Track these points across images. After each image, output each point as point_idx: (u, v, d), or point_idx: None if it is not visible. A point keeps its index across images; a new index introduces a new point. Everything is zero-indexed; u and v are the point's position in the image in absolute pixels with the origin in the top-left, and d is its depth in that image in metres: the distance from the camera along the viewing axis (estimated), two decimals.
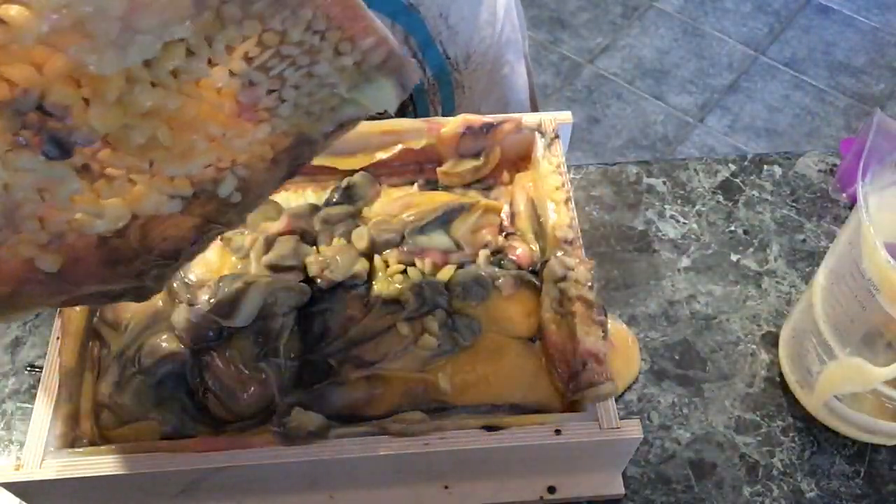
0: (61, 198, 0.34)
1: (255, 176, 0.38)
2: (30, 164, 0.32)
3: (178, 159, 0.35)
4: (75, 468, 0.44)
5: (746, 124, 1.78)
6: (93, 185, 0.34)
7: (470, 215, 0.56)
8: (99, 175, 0.34)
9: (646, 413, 0.56)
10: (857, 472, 0.54)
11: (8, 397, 0.56)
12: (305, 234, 0.55)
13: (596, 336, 0.48)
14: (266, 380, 0.48)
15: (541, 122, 0.58)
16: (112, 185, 0.35)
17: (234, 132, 0.36)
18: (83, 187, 0.34)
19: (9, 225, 0.33)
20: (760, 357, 0.59)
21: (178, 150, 0.35)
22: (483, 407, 0.49)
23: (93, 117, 0.32)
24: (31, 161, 0.32)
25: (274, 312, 0.50)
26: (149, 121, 0.34)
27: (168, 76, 0.33)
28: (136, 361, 0.50)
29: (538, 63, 1.86)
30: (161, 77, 0.33)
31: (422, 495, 0.50)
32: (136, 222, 0.36)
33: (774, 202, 0.67)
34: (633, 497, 0.52)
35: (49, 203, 0.34)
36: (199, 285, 0.52)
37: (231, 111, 0.36)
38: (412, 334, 0.50)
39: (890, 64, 1.89)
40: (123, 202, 0.35)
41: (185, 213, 0.37)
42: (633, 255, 0.64)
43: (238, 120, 0.36)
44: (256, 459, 0.44)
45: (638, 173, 0.69)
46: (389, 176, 0.59)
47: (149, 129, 0.34)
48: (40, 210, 0.34)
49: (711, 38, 1.95)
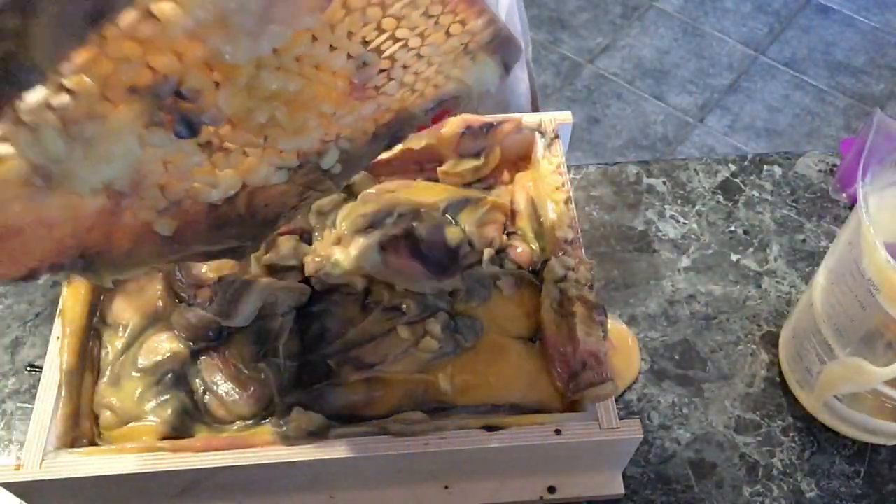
0: (183, 170, 0.36)
1: (356, 149, 0.40)
2: (161, 142, 0.34)
3: (291, 135, 0.37)
4: (75, 468, 0.44)
5: (746, 124, 1.78)
6: (211, 158, 0.37)
7: (477, 209, 0.56)
8: (218, 149, 0.37)
9: (646, 413, 0.56)
10: (857, 472, 0.54)
11: (8, 397, 0.56)
12: (305, 234, 0.55)
13: (596, 336, 0.48)
14: (266, 380, 0.48)
15: (541, 122, 0.58)
16: (228, 157, 0.37)
17: (344, 110, 0.38)
18: (203, 160, 0.36)
19: (134, 193, 0.35)
20: (760, 357, 0.59)
21: (292, 127, 0.37)
22: (483, 407, 0.49)
23: (222, 100, 0.34)
24: (162, 139, 0.34)
25: (274, 312, 0.50)
26: (270, 102, 0.36)
27: (292, 61, 0.35)
28: (136, 361, 0.50)
29: (538, 63, 1.86)
30: (286, 63, 0.35)
31: (422, 495, 0.50)
32: (245, 190, 0.38)
33: (774, 202, 0.67)
34: (633, 497, 0.52)
35: (171, 173, 0.36)
36: (199, 285, 0.52)
37: (343, 91, 0.37)
38: (412, 338, 0.50)
39: (890, 64, 1.89)
40: (236, 173, 0.38)
41: (288, 182, 0.39)
42: (633, 255, 0.64)
43: (349, 98, 0.38)
44: (256, 459, 0.44)
45: (638, 173, 0.69)
46: (390, 175, 0.59)
47: (270, 109, 0.36)
48: (163, 178, 0.36)
49: (711, 38, 1.95)
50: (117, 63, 0.31)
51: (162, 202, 0.37)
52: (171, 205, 0.37)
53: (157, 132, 0.34)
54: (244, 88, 0.34)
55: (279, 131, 0.37)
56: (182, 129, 0.34)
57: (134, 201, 0.36)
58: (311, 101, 0.37)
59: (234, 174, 0.38)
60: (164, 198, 0.37)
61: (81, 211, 0.34)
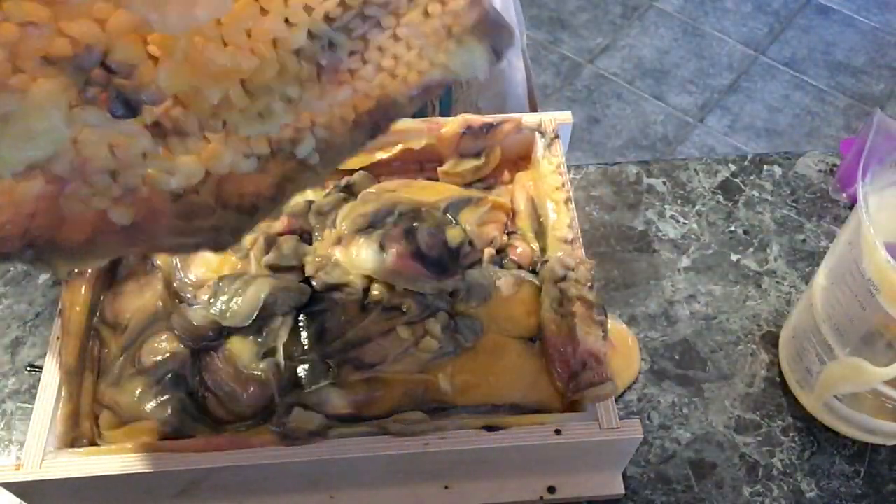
0: (132, 154, 0.33)
1: (335, 138, 0.37)
2: (97, 121, 0.31)
3: (253, 120, 0.35)
4: (75, 468, 0.44)
5: (746, 124, 1.78)
6: (165, 142, 0.34)
7: (478, 208, 0.56)
8: (171, 132, 0.34)
9: (646, 413, 0.56)
10: (857, 472, 0.54)
11: (8, 397, 0.56)
12: (305, 234, 0.55)
13: (596, 336, 0.48)
14: (266, 380, 0.48)
15: (541, 122, 0.58)
16: (185, 142, 0.34)
17: (312, 95, 0.35)
18: (155, 144, 0.34)
19: (79, 178, 0.33)
20: (760, 357, 0.59)
21: (253, 111, 0.34)
22: (483, 407, 0.49)
23: (161, 76, 0.31)
24: (97, 117, 0.31)
25: (274, 312, 0.50)
26: (220, 81, 0.33)
27: (241, 35, 0.32)
28: (136, 361, 0.50)
29: (538, 63, 1.86)
30: (233, 36, 0.32)
31: (422, 495, 0.50)
32: (211, 179, 0.36)
33: (774, 202, 0.67)
34: (633, 497, 0.52)
35: (120, 158, 0.33)
36: (199, 285, 0.52)
37: (310, 74, 0.35)
38: (412, 338, 0.50)
39: (890, 64, 1.89)
40: (197, 159, 0.35)
41: (261, 171, 0.36)
42: (633, 255, 0.64)
43: (318, 82, 0.35)
44: (256, 459, 0.44)
45: (638, 173, 0.69)
46: (390, 175, 0.59)
47: (220, 89, 0.33)
48: (112, 164, 0.33)
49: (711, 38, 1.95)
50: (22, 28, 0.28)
51: (115, 189, 0.34)
52: (125, 192, 0.34)
53: (91, 110, 0.31)
54: (185, 64, 0.31)
55: (238, 115, 0.34)
56: (118, 108, 0.31)
57: (80, 187, 0.33)
58: (271, 82, 0.34)
59: (195, 161, 0.35)
60: (116, 184, 0.34)
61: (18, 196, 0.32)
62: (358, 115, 0.37)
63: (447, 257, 0.52)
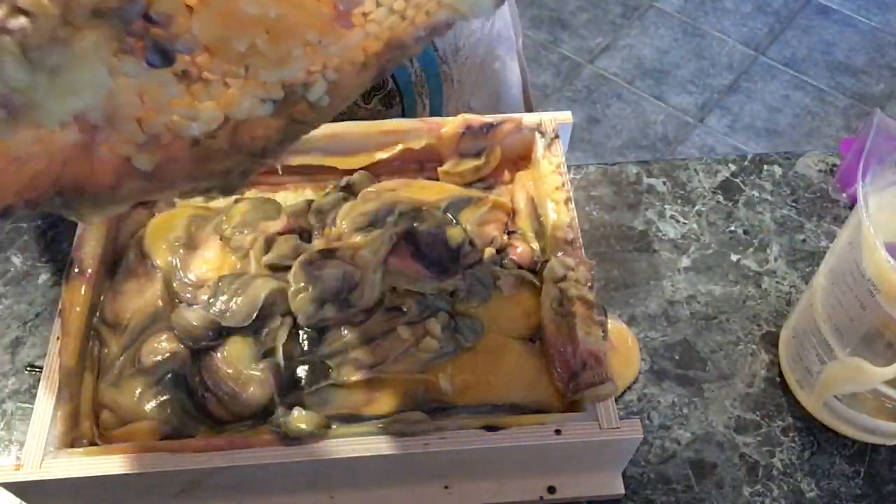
0: (160, 102, 0.35)
1: (344, 80, 0.38)
2: (133, 71, 0.32)
3: (274, 65, 0.36)
4: (75, 468, 0.44)
5: (746, 124, 1.78)
6: (190, 89, 0.35)
7: (478, 208, 0.56)
8: (196, 79, 0.35)
9: (646, 413, 0.56)
10: (857, 472, 0.54)
11: (8, 397, 0.56)
12: (305, 233, 0.55)
13: (596, 336, 0.48)
14: (266, 380, 0.48)
15: (541, 122, 0.58)
16: (208, 88, 0.36)
17: (330, 39, 0.37)
18: (181, 91, 0.35)
19: (110, 126, 0.34)
20: (760, 357, 0.59)
21: (274, 56, 0.36)
22: (483, 407, 0.49)
23: (196, 26, 0.33)
24: (134, 67, 0.32)
25: (273, 312, 0.50)
26: (250, 29, 0.34)
27: None
28: (136, 361, 0.50)
29: (538, 63, 1.86)
30: None
31: (422, 495, 0.50)
32: (228, 124, 0.37)
33: (774, 202, 0.67)
34: (633, 497, 0.52)
35: (148, 106, 0.34)
36: (199, 285, 0.52)
37: (329, 17, 0.36)
38: (413, 338, 0.50)
39: (890, 64, 1.89)
40: (217, 105, 0.36)
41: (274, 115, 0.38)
42: (633, 255, 0.64)
43: (334, 25, 0.36)
44: (256, 459, 0.44)
45: (638, 173, 0.69)
46: (390, 175, 0.59)
47: (249, 38, 0.34)
48: (139, 112, 0.35)
49: (711, 38, 1.95)
50: None
51: (140, 136, 0.35)
52: (150, 139, 0.36)
53: (129, 60, 0.32)
54: (220, 14, 0.33)
55: (261, 61, 0.36)
56: (155, 58, 0.32)
57: (110, 135, 0.34)
58: (294, 28, 0.35)
59: (215, 107, 0.36)
60: (141, 132, 0.35)
61: (53, 145, 0.33)
62: (367, 58, 0.38)
63: (447, 257, 0.52)
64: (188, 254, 0.53)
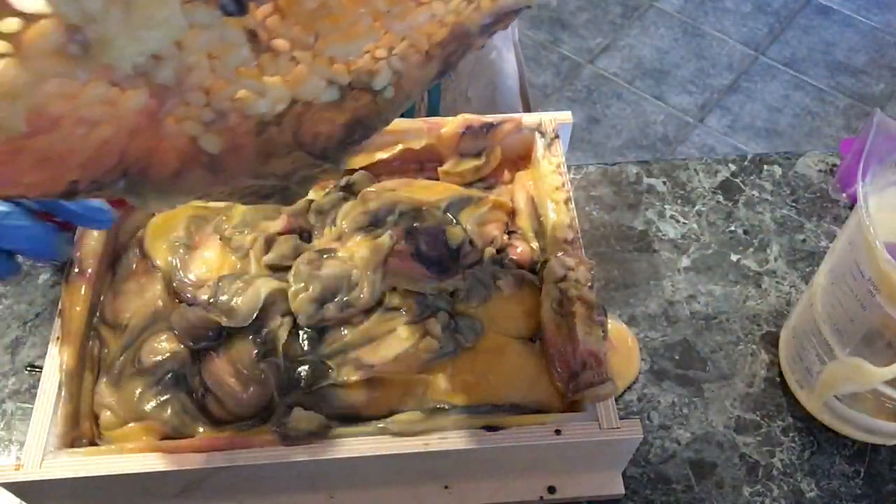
0: (229, 66, 0.34)
1: (408, 70, 0.38)
2: (206, 19, 0.32)
3: (342, 36, 0.36)
4: (75, 468, 0.44)
5: (746, 124, 1.78)
6: (258, 59, 0.35)
7: (478, 208, 0.56)
8: (265, 48, 0.35)
9: (646, 413, 0.56)
10: (857, 472, 0.54)
11: (8, 397, 0.56)
12: (305, 233, 0.55)
13: (596, 336, 0.48)
14: (266, 380, 0.48)
15: (541, 122, 0.58)
16: (276, 60, 0.36)
17: (398, 9, 0.36)
18: (249, 58, 0.35)
19: (178, 90, 0.34)
20: (760, 357, 0.59)
21: (344, 22, 0.35)
22: (483, 407, 0.49)
23: None
24: (207, 15, 0.32)
25: (273, 312, 0.50)
26: None
27: None
28: (136, 361, 0.50)
29: (538, 63, 1.86)
30: None
31: (422, 495, 0.50)
32: (293, 109, 0.37)
33: (774, 202, 0.67)
34: (633, 497, 0.52)
35: (217, 72, 0.34)
36: (199, 285, 0.52)
37: None
38: (413, 338, 0.50)
39: (890, 64, 1.89)
40: (284, 83, 0.36)
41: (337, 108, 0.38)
42: (633, 255, 0.64)
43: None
44: (256, 459, 0.44)
45: (638, 173, 0.69)
46: (390, 175, 0.59)
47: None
48: (208, 80, 0.34)
49: (711, 38, 1.95)
50: None
51: (207, 112, 0.35)
52: (216, 116, 0.36)
53: (202, 7, 0.32)
54: None
55: (330, 26, 0.35)
56: (229, 4, 0.32)
57: (177, 105, 0.34)
58: None
59: (282, 83, 0.36)
60: (209, 106, 0.35)
61: (122, 107, 0.33)
62: (431, 47, 0.38)
63: (447, 257, 0.52)
64: (188, 254, 0.53)
